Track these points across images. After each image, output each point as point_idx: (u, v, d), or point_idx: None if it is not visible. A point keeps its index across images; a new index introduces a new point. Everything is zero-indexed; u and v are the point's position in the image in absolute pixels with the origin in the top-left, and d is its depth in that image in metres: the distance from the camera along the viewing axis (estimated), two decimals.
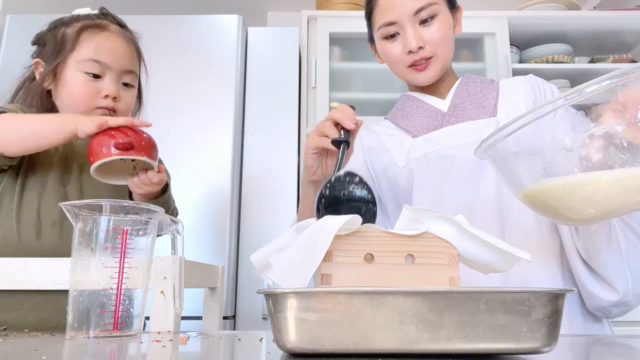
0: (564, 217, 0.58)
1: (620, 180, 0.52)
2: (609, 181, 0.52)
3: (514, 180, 0.61)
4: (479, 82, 0.95)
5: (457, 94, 0.93)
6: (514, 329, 0.38)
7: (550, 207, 0.58)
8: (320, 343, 0.38)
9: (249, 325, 1.64)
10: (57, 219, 0.85)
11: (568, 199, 0.55)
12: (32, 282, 0.66)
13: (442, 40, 0.87)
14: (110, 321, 0.55)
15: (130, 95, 0.95)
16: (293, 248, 0.48)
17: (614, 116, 0.51)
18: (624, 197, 0.53)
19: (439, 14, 0.87)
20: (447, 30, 0.88)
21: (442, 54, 0.89)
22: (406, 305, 0.38)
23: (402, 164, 0.91)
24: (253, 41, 1.88)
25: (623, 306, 0.76)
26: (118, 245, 0.56)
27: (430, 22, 0.87)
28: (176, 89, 1.76)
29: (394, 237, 0.50)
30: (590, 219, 0.58)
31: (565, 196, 0.55)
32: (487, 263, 0.51)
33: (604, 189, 0.53)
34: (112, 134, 0.77)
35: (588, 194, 0.54)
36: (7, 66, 1.73)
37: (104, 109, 0.90)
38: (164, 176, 0.87)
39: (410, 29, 0.86)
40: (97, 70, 0.90)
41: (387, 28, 0.89)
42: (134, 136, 0.78)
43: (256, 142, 1.79)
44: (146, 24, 1.80)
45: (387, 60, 0.94)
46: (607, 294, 0.76)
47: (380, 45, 0.93)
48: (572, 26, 2.12)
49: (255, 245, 1.68)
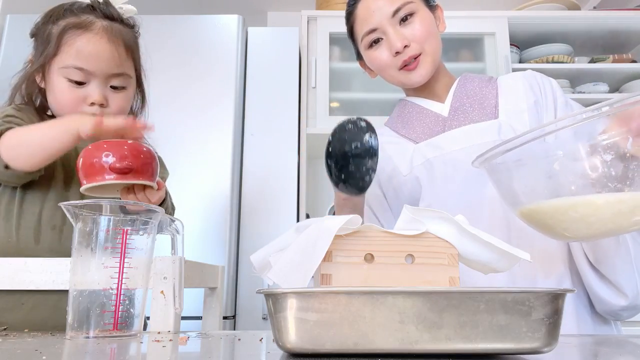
0: (560, 235, 0.58)
1: (611, 204, 0.52)
2: (601, 205, 0.52)
3: (510, 195, 0.62)
4: (478, 81, 0.94)
5: (456, 96, 0.92)
6: (514, 329, 0.38)
7: (546, 225, 0.58)
8: (320, 343, 0.38)
9: (249, 325, 1.64)
10: (58, 224, 0.85)
11: (562, 220, 0.55)
12: (32, 282, 0.66)
13: (426, 36, 0.87)
14: (110, 321, 0.55)
15: (121, 97, 0.89)
16: (293, 248, 0.48)
17: (618, 125, 0.51)
18: (617, 220, 0.53)
19: (417, 12, 0.88)
20: (428, 25, 0.88)
21: (429, 49, 0.88)
22: (406, 305, 0.38)
23: (405, 172, 0.90)
24: (253, 41, 1.88)
25: (633, 310, 0.76)
26: (118, 245, 0.56)
27: (410, 20, 0.87)
28: (176, 89, 1.76)
29: (394, 237, 0.50)
30: (587, 238, 0.58)
31: (559, 217, 0.55)
32: (487, 263, 0.51)
33: (596, 212, 0.53)
34: (107, 149, 0.69)
35: (581, 217, 0.54)
36: (7, 66, 1.73)
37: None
38: (163, 193, 0.82)
39: (392, 30, 0.87)
40: (80, 77, 0.84)
41: (369, 36, 0.89)
42: (131, 155, 0.69)
43: (256, 142, 1.79)
44: (146, 24, 1.79)
45: (377, 68, 0.93)
46: (617, 299, 0.75)
47: (367, 55, 0.93)
48: (572, 26, 2.12)
49: (255, 245, 1.68)
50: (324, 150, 0.71)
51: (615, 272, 0.74)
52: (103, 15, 0.87)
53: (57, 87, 0.85)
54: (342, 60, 2.08)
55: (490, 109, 0.89)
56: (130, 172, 0.69)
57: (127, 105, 0.93)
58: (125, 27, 0.90)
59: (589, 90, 2.08)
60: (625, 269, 0.73)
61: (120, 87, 0.89)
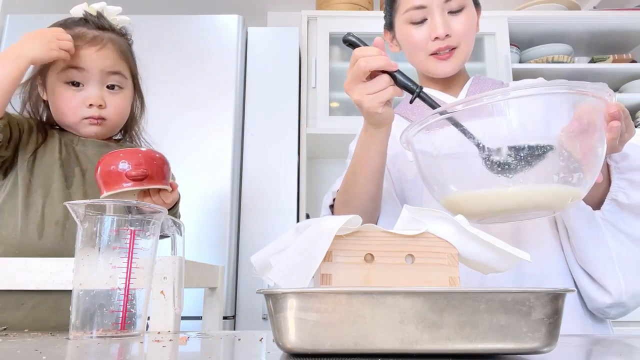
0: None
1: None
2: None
3: (429, 179, 0.67)
4: (491, 84, 0.95)
5: (471, 92, 0.92)
6: (514, 329, 0.38)
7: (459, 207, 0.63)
8: (320, 343, 0.38)
9: (249, 325, 1.64)
10: (60, 219, 0.86)
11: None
12: (32, 282, 0.66)
13: (467, 33, 0.86)
14: (116, 321, 0.55)
15: (119, 98, 0.92)
16: (293, 248, 0.48)
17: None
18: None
19: (467, 7, 0.87)
20: (472, 24, 0.88)
21: (465, 47, 0.87)
22: (406, 305, 0.38)
23: (412, 157, 0.90)
24: (253, 41, 1.88)
25: (619, 307, 0.77)
26: (125, 246, 0.57)
27: (459, 14, 0.86)
28: (176, 88, 1.75)
29: (394, 237, 0.50)
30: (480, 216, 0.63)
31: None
32: (487, 263, 0.51)
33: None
34: (123, 158, 0.74)
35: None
36: None
37: (90, 118, 0.90)
38: (176, 195, 0.85)
39: (440, 15, 0.84)
40: (77, 77, 0.88)
41: (414, 12, 0.86)
42: (145, 161, 0.75)
43: (256, 142, 1.79)
44: (146, 24, 1.81)
45: (408, 46, 0.90)
46: (602, 296, 0.77)
47: (403, 29, 0.89)
48: (572, 26, 2.12)
49: (255, 245, 1.68)
50: (324, 150, 0.72)
51: (597, 270, 0.76)
52: (95, 26, 0.92)
53: (56, 92, 0.89)
54: (342, 60, 2.08)
55: None
56: (145, 178, 0.74)
57: (125, 106, 0.96)
58: (117, 35, 0.94)
59: None
60: (606, 267, 0.75)
61: (116, 87, 0.92)
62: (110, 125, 0.93)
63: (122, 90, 0.93)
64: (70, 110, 0.89)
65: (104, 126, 0.92)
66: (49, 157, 0.89)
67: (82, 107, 0.89)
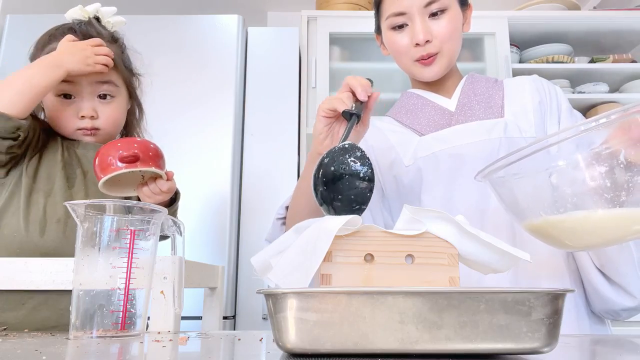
0: (564, 245, 0.59)
1: (611, 218, 0.53)
2: (600, 218, 0.53)
3: (513, 208, 0.62)
4: (484, 82, 0.95)
5: (464, 93, 0.92)
6: (514, 329, 0.38)
7: (550, 236, 0.59)
8: (320, 343, 0.38)
9: (249, 325, 1.64)
10: (62, 217, 0.86)
11: (564, 231, 0.56)
12: (32, 282, 0.66)
13: (449, 36, 0.86)
14: (116, 321, 0.55)
15: (111, 108, 0.92)
16: (293, 249, 0.48)
17: (621, 133, 0.51)
18: (617, 232, 0.54)
19: (449, 9, 0.86)
20: (455, 26, 0.87)
21: (448, 50, 0.87)
22: (406, 305, 0.38)
23: (408, 162, 0.90)
24: (253, 41, 1.88)
25: (634, 311, 0.77)
26: (126, 246, 0.57)
27: (440, 17, 0.86)
28: (176, 89, 1.75)
29: (394, 237, 0.50)
30: (589, 248, 0.59)
31: (561, 229, 0.56)
32: (487, 263, 0.51)
33: (596, 225, 0.54)
34: (117, 145, 0.77)
35: (582, 229, 0.54)
36: (7, 66, 1.73)
37: (83, 130, 0.90)
38: (173, 184, 0.86)
39: (420, 20, 0.85)
40: (67, 89, 0.88)
41: (395, 18, 0.87)
42: (139, 147, 0.77)
43: (256, 142, 1.79)
44: (146, 24, 1.81)
45: (393, 52, 0.92)
46: (623, 300, 0.76)
47: (387, 35, 0.91)
48: (572, 26, 2.12)
49: (255, 245, 1.68)
50: None
51: (620, 275, 0.75)
52: (83, 35, 0.91)
53: (49, 105, 0.90)
54: (342, 60, 2.08)
55: (496, 109, 0.89)
56: (137, 159, 0.76)
57: (118, 115, 0.95)
58: (107, 43, 0.93)
59: (589, 90, 2.08)
60: (629, 272, 0.75)
61: (108, 97, 0.92)
62: (104, 135, 0.93)
63: (114, 99, 0.93)
64: (63, 122, 0.90)
65: (98, 136, 0.93)
66: (52, 158, 0.90)
67: (75, 119, 0.90)
